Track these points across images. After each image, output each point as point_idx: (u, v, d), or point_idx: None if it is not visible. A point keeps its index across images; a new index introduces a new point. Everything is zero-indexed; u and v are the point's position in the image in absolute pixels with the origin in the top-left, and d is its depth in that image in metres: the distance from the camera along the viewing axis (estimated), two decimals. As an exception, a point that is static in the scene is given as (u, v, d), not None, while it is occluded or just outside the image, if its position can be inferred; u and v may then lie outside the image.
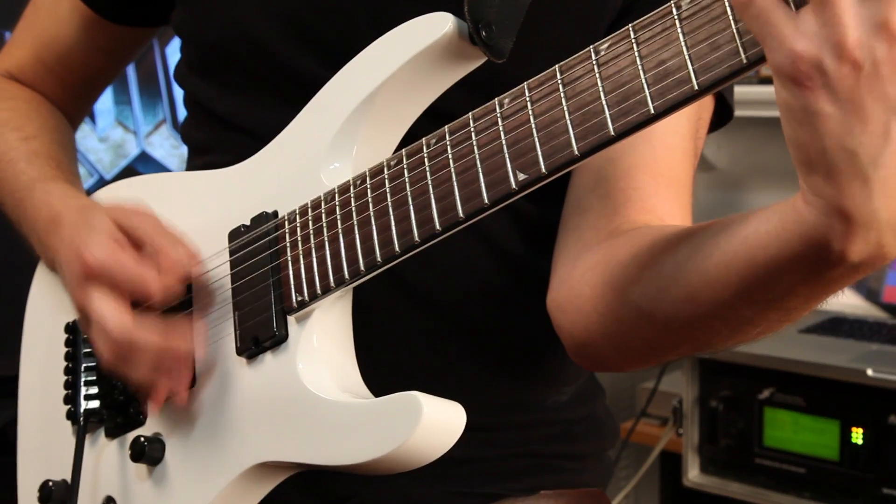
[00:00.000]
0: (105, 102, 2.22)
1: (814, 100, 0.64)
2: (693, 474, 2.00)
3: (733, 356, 1.91)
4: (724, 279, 0.79)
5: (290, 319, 0.94)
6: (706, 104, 1.02)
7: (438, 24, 0.90)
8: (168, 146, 2.29)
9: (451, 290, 1.03)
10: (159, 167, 2.28)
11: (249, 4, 1.02)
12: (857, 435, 1.82)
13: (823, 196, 0.67)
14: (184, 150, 1.20)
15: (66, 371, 1.11)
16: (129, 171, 2.26)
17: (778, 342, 1.90)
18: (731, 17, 0.71)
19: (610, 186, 0.98)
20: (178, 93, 1.69)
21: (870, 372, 1.78)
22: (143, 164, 2.28)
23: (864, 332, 2.00)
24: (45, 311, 1.17)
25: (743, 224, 0.78)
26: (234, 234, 1.00)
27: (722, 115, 1.06)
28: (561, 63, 0.81)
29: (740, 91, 0.75)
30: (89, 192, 1.17)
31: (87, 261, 0.96)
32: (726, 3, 0.72)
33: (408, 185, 0.89)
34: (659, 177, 0.99)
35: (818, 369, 1.84)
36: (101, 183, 2.20)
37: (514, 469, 1.08)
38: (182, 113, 1.18)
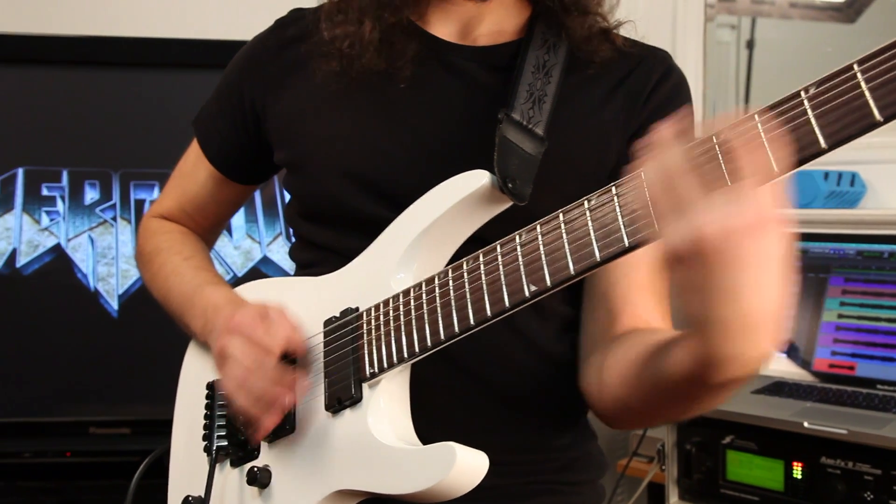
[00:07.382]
0: (238, 220, 2.28)
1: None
2: (673, 501, 1.95)
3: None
4: (672, 386, 0.83)
5: (365, 386, 0.95)
6: None
7: (477, 178, 0.93)
8: (283, 252, 2.31)
9: (486, 365, 1.03)
10: (276, 267, 2.31)
11: (331, 172, 1.05)
12: (798, 471, 1.78)
13: (701, 345, 0.74)
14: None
15: (205, 417, 1.13)
16: (254, 270, 2.31)
17: (735, 401, 1.87)
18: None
19: (612, 303, 1.03)
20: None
21: (806, 424, 1.74)
22: (264, 265, 2.31)
23: (800, 392, 1.96)
24: (193, 375, 1.19)
25: (672, 350, 0.81)
26: (328, 322, 1.02)
27: None
28: (563, 208, 0.83)
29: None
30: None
31: (234, 319, 1.00)
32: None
33: (451, 292, 0.90)
34: (646, 291, 1.03)
35: (766, 421, 1.81)
36: (234, 278, 2.26)
37: (529, 492, 1.06)
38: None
